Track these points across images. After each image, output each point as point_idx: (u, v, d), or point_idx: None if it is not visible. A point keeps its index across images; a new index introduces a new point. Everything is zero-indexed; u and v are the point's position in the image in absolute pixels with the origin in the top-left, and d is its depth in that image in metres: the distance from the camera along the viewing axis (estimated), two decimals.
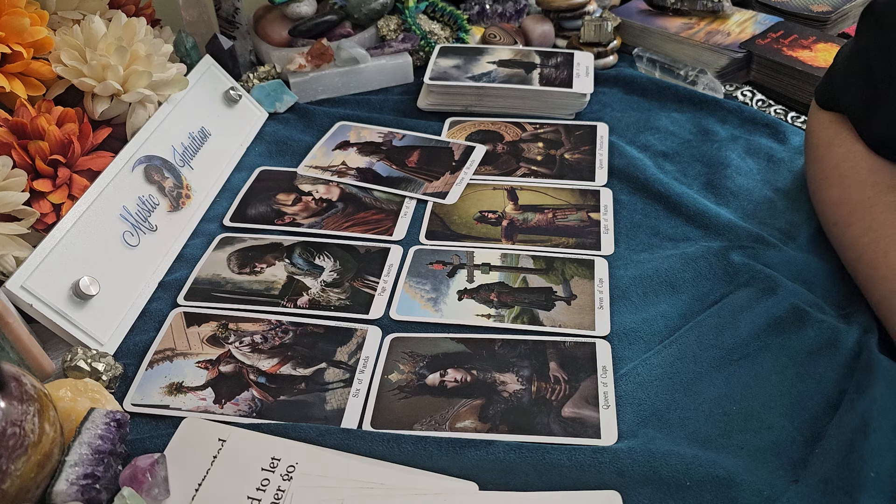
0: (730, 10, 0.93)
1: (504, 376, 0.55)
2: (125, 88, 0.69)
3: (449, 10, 0.95)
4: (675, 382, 0.54)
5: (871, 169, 0.60)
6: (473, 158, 0.78)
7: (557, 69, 0.85)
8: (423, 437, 0.50)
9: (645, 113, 0.83)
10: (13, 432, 0.42)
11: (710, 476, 0.46)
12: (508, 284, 0.63)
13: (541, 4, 0.96)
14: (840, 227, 0.60)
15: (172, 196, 0.71)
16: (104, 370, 0.55)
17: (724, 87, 0.86)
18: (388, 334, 0.60)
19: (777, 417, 0.51)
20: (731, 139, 0.78)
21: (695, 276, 0.62)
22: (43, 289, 0.57)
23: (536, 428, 0.51)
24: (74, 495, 0.45)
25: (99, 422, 0.48)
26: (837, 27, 0.91)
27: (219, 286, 0.65)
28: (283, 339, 0.60)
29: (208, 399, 0.55)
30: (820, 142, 0.65)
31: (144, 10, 0.84)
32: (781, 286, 0.59)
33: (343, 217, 0.72)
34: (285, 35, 0.90)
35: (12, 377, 0.44)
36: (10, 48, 0.64)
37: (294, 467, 0.49)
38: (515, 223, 0.70)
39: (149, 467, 0.47)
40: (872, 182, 0.59)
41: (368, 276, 0.65)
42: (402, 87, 0.91)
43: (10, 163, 0.59)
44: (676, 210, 0.69)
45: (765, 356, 0.55)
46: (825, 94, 0.67)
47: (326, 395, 0.55)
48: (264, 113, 0.86)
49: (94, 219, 0.63)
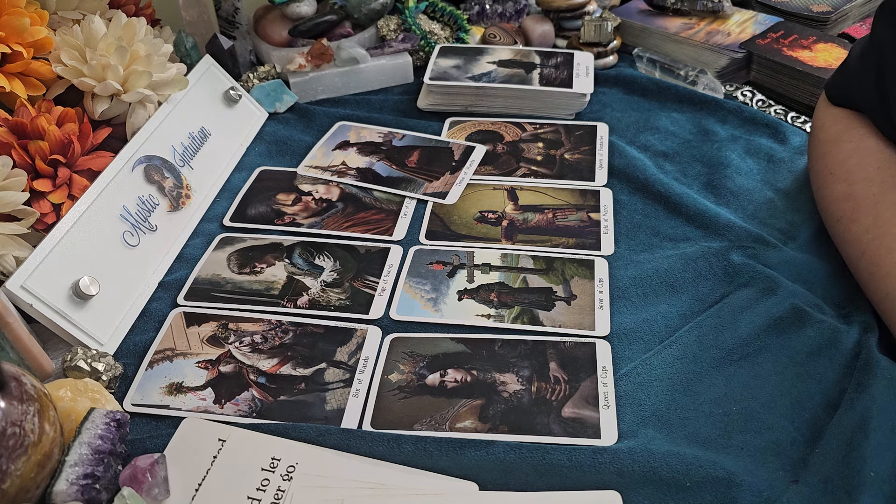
0: (730, 10, 0.93)
1: (504, 376, 0.55)
2: (125, 88, 0.69)
3: (449, 10, 0.95)
4: (675, 383, 0.54)
5: (880, 166, 0.59)
6: (473, 158, 0.78)
7: (557, 69, 0.85)
8: (423, 437, 0.50)
9: (645, 113, 0.83)
10: (13, 432, 0.42)
11: (710, 476, 0.46)
12: (508, 284, 0.63)
13: (541, 4, 0.96)
14: (844, 224, 0.60)
15: (172, 196, 0.71)
16: (104, 370, 0.55)
17: (724, 87, 0.86)
18: (388, 334, 0.60)
19: (777, 417, 0.51)
20: (731, 139, 0.78)
21: (695, 277, 0.62)
22: (43, 289, 0.57)
23: (536, 428, 0.51)
24: (74, 495, 0.45)
25: (99, 422, 0.48)
26: (837, 27, 0.91)
27: (219, 286, 0.65)
28: (283, 339, 0.60)
29: (208, 399, 0.55)
30: (827, 137, 0.65)
31: (144, 10, 0.84)
32: (781, 286, 0.59)
33: (343, 217, 0.72)
34: (285, 35, 0.90)
35: (12, 377, 0.44)
36: (10, 48, 0.64)
37: (294, 467, 0.49)
38: (515, 223, 0.70)
39: (149, 467, 0.47)
40: (880, 179, 0.59)
41: (368, 276, 0.65)
42: (402, 87, 0.91)
43: (10, 163, 0.59)
44: (676, 210, 0.69)
45: (765, 356, 0.55)
46: (836, 90, 0.67)
47: (326, 395, 0.55)
48: (264, 113, 0.86)
49: (94, 219, 0.63)
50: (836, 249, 0.62)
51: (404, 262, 0.66)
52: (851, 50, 0.66)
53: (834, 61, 0.81)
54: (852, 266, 0.59)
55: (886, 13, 0.61)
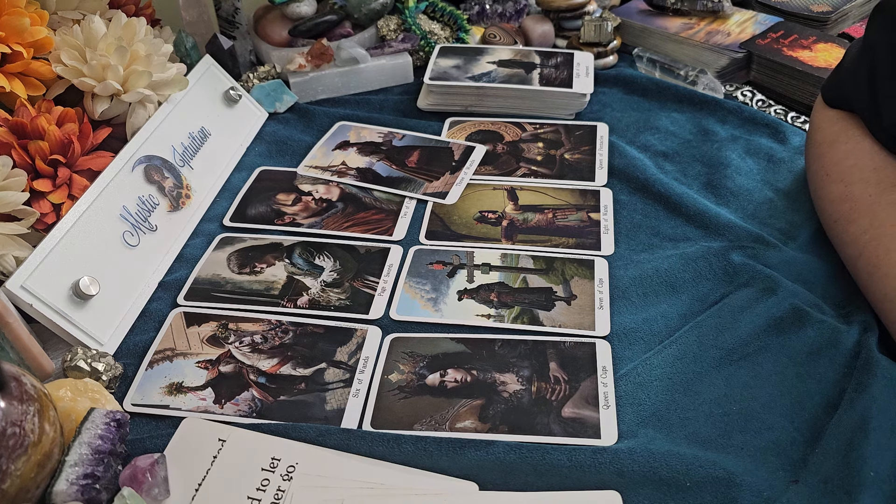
0: (730, 10, 0.93)
1: (504, 376, 0.55)
2: (125, 88, 0.69)
3: (449, 10, 0.95)
4: (675, 383, 0.54)
5: (876, 167, 0.60)
6: (473, 158, 0.78)
7: (557, 69, 0.85)
8: (423, 437, 0.50)
9: (645, 113, 0.83)
10: (13, 432, 0.42)
11: (710, 476, 0.46)
12: (508, 284, 0.63)
13: (541, 4, 0.96)
14: (841, 225, 0.60)
15: (172, 196, 0.71)
16: (104, 370, 0.55)
17: (724, 87, 0.86)
18: (388, 334, 0.60)
19: (777, 417, 0.51)
20: (731, 139, 0.78)
21: (695, 276, 0.62)
22: (43, 289, 0.57)
23: (536, 428, 0.51)
24: (74, 495, 0.45)
25: (99, 422, 0.48)
26: (837, 27, 0.91)
27: (219, 286, 0.65)
28: (283, 339, 0.60)
29: (208, 399, 0.55)
30: (824, 139, 0.65)
31: (144, 10, 0.84)
32: (781, 286, 0.59)
33: (343, 217, 0.72)
34: (285, 35, 0.90)
35: (12, 377, 0.44)
36: (10, 48, 0.64)
37: (294, 467, 0.49)
38: (515, 223, 0.70)
39: (149, 467, 0.47)
40: (876, 180, 0.59)
41: (368, 276, 0.65)
42: (402, 87, 0.91)
43: (10, 163, 0.59)
44: (676, 210, 0.69)
45: (765, 356, 0.55)
46: (832, 91, 0.67)
47: (326, 395, 0.55)
48: (264, 113, 0.86)
49: (94, 219, 0.63)
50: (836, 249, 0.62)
51: (404, 262, 0.66)
52: (847, 52, 0.66)
53: (834, 61, 0.81)
54: (851, 267, 0.59)
55: (879, 16, 0.61)
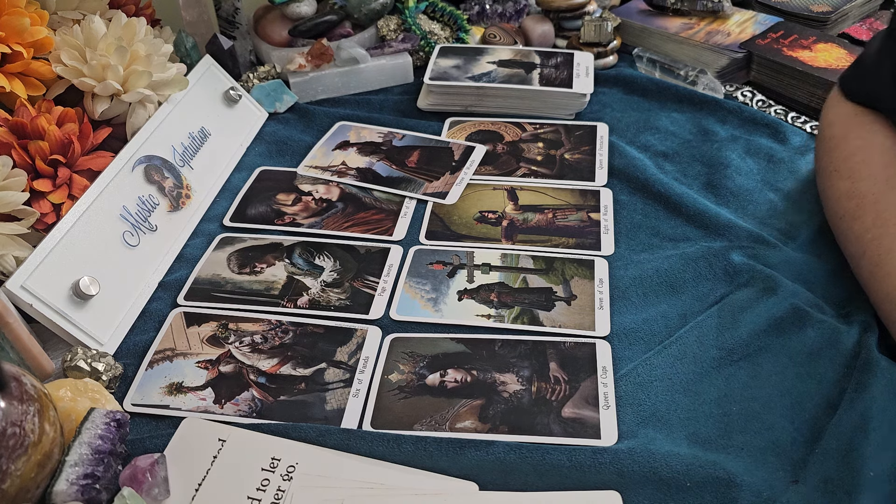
0: (730, 10, 0.93)
1: (504, 376, 0.55)
2: (125, 88, 0.69)
3: (449, 10, 0.95)
4: (675, 383, 0.54)
5: (885, 164, 0.59)
6: (473, 158, 0.78)
7: (557, 69, 0.85)
8: (423, 437, 0.50)
9: (645, 113, 0.83)
10: (13, 432, 0.42)
11: (711, 476, 0.46)
12: (508, 285, 0.63)
13: (541, 4, 0.96)
14: (846, 222, 0.60)
15: (172, 196, 0.71)
16: (104, 370, 0.55)
17: (724, 88, 0.86)
18: (388, 334, 0.60)
19: (777, 417, 0.51)
20: (731, 139, 0.78)
21: (695, 277, 0.62)
22: (43, 289, 0.57)
23: (536, 428, 0.51)
24: (74, 495, 0.45)
25: (99, 422, 0.48)
26: (837, 27, 0.91)
27: (219, 286, 0.65)
28: (283, 339, 0.60)
29: (208, 399, 0.55)
30: (835, 133, 0.65)
31: (144, 10, 0.84)
32: (781, 286, 0.59)
33: (343, 217, 0.72)
34: (285, 35, 0.90)
35: (12, 377, 0.44)
36: (10, 48, 0.64)
37: (294, 467, 0.49)
38: (515, 223, 0.70)
39: (149, 467, 0.47)
40: (885, 177, 0.59)
41: (368, 277, 0.65)
42: (402, 87, 0.91)
43: (10, 163, 0.59)
44: (676, 210, 0.69)
45: (765, 356, 0.55)
46: (853, 84, 0.66)
47: (326, 395, 0.55)
48: (264, 113, 0.86)
49: (94, 219, 0.63)
50: (836, 249, 0.62)
51: (404, 263, 0.66)
52: (869, 43, 0.66)
53: (834, 61, 0.81)
54: (854, 264, 0.59)
55: None
